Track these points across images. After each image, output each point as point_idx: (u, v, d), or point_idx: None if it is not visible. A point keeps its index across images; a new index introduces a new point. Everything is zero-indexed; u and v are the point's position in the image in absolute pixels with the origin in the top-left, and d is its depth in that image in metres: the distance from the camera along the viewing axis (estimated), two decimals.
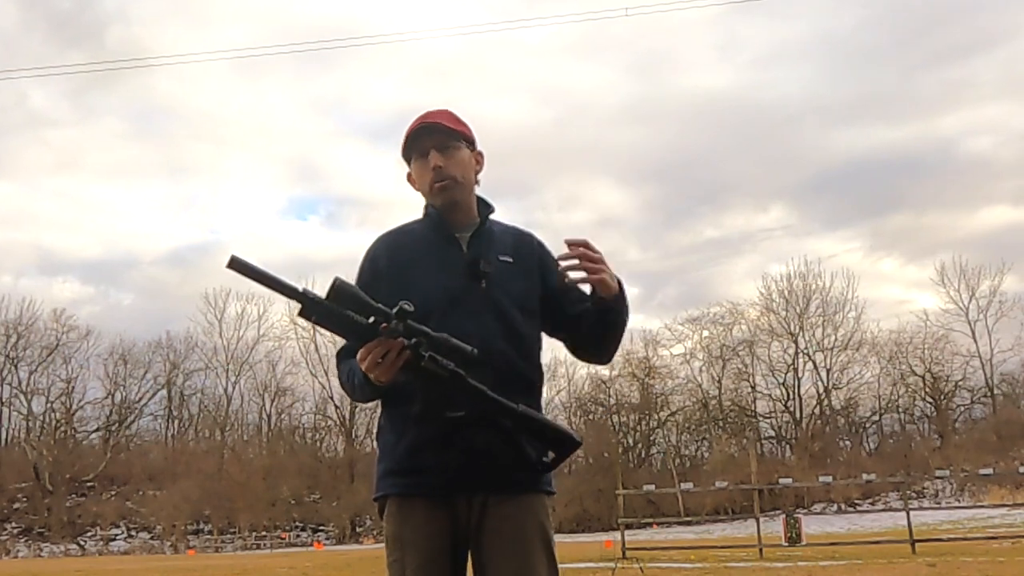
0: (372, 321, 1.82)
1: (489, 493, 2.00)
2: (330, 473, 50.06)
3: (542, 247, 2.24)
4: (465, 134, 2.16)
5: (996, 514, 26.41)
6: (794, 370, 49.47)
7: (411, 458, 2.01)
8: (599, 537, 24.97)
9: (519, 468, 2.02)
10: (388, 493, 2.05)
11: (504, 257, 2.13)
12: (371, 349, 1.82)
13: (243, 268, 1.75)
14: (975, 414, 49.36)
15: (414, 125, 2.14)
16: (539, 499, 2.06)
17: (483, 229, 2.16)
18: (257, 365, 52.87)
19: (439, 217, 2.14)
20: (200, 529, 47.42)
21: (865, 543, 18.39)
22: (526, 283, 2.14)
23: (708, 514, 34.47)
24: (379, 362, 1.82)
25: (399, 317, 1.81)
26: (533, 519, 2.03)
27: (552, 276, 2.17)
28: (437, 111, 2.17)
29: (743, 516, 31.01)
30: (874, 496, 40.79)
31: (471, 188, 2.17)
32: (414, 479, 2.00)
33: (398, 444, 2.04)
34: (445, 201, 2.12)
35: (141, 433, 54.24)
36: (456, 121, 2.16)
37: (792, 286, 50.07)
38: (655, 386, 50.67)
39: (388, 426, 2.09)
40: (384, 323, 1.81)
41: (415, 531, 2.00)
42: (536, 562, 2.00)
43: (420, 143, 2.13)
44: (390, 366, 1.82)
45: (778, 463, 44.09)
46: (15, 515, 47.17)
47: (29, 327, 50.73)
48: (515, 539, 2.00)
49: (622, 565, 13.80)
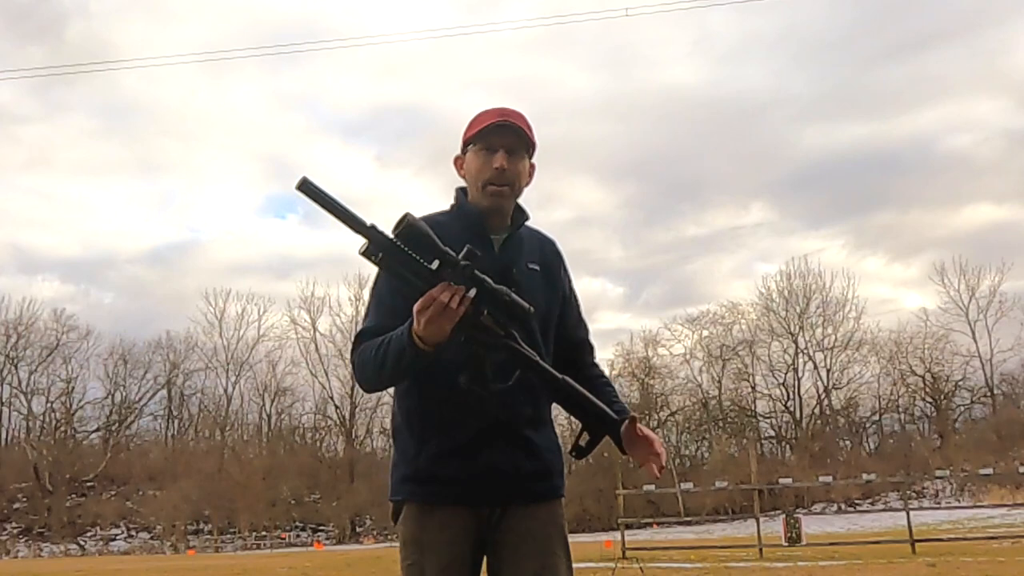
0: (438, 266, 1.71)
1: (510, 503, 2.00)
2: (330, 473, 50.03)
3: (562, 257, 2.23)
4: (534, 145, 2.11)
5: (996, 514, 26.40)
6: (794, 370, 49.51)
7: (433, 468, 1.97)
8: (599, 537, 24.92)
9: (541, 479, 2.03)
10: (408, 499, 2.02)
11: (532, 265, 2.11)
12: (436, 295, 1.69)
13: (313, 192, 1.65)
14: (975, 414, 49.38)
15: (493, 116, 2.06)
16: (557, 504, 2.08)
17: (516, 234, 2.12)
18: (257, 365, 52.94)
19: (479, 217, 2.08)
20: (200, 529, 47.39)
21: (865, 543, 18.37)
22: (550, 293, 2.13)
23: (708, 514, 34.41)
24: (442, 311, 1.69)
25: (468, 258, 1.71)
26: (554, 522, 2.05)
27: (565, 290, 2.20)
28: (515, 111, 2.10)
29: (743, 516, 31.02)
30: (874, 496, 40.76)
31: (518, 198, 2.14)
32: (436, 489, 1.97)
33: (420, 451, 1.99)
34: (493, 205, 2.07)
35: (141, 433, 54.28)
36: (529, 128, 2.10)
37: (792, 286, 50.14)
38: (655, 386, 50.71)
39: (406, 428, 2.03)
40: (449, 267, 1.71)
41: (435, 535, 1.97)
42: (557, 563, 2.02)
43: (492, 137, 2.05)
44: (451, 315, 1.70)
45: (778, 463, 44.08)
46: (15, 515, 47.14)
47: (29, 327, 50.76)
48: (536, 541, 2.01)
49: (622, 565, 13.79)
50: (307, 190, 1.64)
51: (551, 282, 2.14)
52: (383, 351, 1.86)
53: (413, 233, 1.67)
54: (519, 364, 1.84)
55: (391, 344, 1.83)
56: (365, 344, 1.94)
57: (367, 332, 1.96)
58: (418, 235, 1.68)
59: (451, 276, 1.70)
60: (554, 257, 2.19)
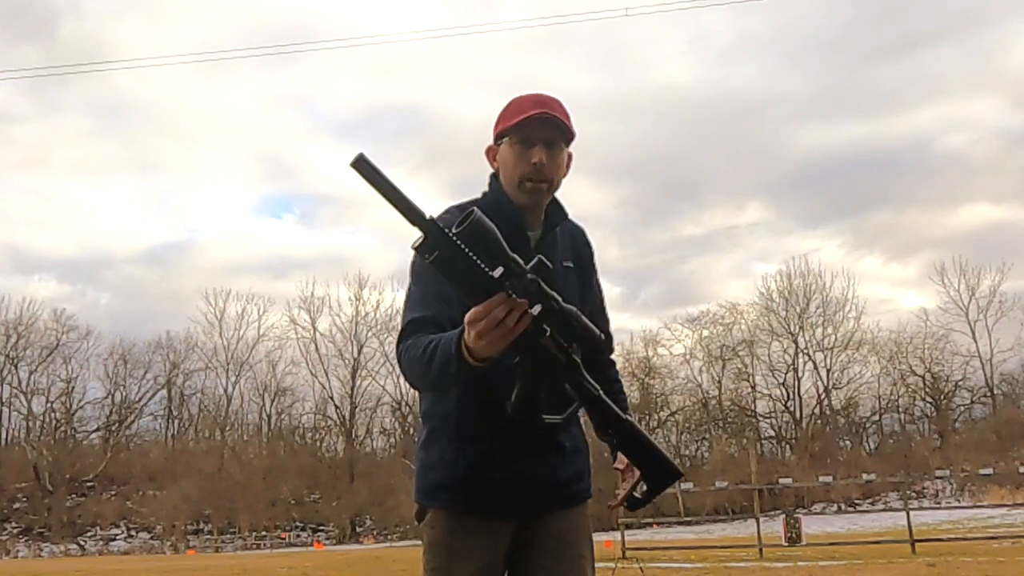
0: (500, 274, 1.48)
1: (545, 511, 1.96)
2: (330, 473, 50.02)
3: (592, 248, 2.15)
4: (574, 135, 1.96)
5: (996, 514, 26.39)
6: (794, 370, 49.50)
7: (472, 476, 1.89)
8: (599, 537, 24.90)
9: (575, 483, 2.00)
10: (441, 506, 1.94)
11: (567, 262, 2.03)
12: (492, 308, 1.47)
13: (369, 172, 1.42)
14: (975, 414, 49.37)
15: (530, 106, 1.90)
16: (585, 505, 2.07)
17: (552, 232, 2.01)
18: (257, 365, 52.90)
19: (517, 214, 1.94)
20: (200, 529, 47.38)
21: (865, 543, 18.37)
22: (584, 292, 2.07)
23: (708, 514, 34.43)
24: (497, 326, 1.48)
25: (536, 272, 1.49)
26: (582, 523, 2.04)
27: (596, 283, 2.15)
28: (552, 97, 1.93)
29: (743, 516, 31.02)
30: (874, 496, 40.76)
31: (556, 191, 1.99)
32: (471, 498, 1.90)
33: (457, 459, 1.90)
34: (530, 202, 1.94)
35: (141, 433, 54.24)
36: (568, 118, 1.94)
37: (792, 286, 50.13)
38: (655, 386, 50.70)
39: (442, 432, 1.94)
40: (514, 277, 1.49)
41: (466, 541, 1.90)
42: (584, 565, 2.01)
43: (529, 130, 1.89)
44: (508, 332, 1.48)
45: (778, 463, 44.08)
46: (15, 515, 47.13)
47: (29, 327, 50.72)
48: (566, 543, 1.99)
49: (622, 565, 13.79)
50: (362, 168, 1.42)
51: (585, 279, 2.08)
52: (429, 354, 1.66)
53: (478, 232, 1.46)
54: (580, 398, 1.65)
55: (439, 349, 1.63)
56: (413, 339, 1.75)
57: (417, 322, 1.77)
58: (484, 235, 1.47)
59: (515, 287, 1.48)
60: (586, 249, 2.11)
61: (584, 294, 2.04)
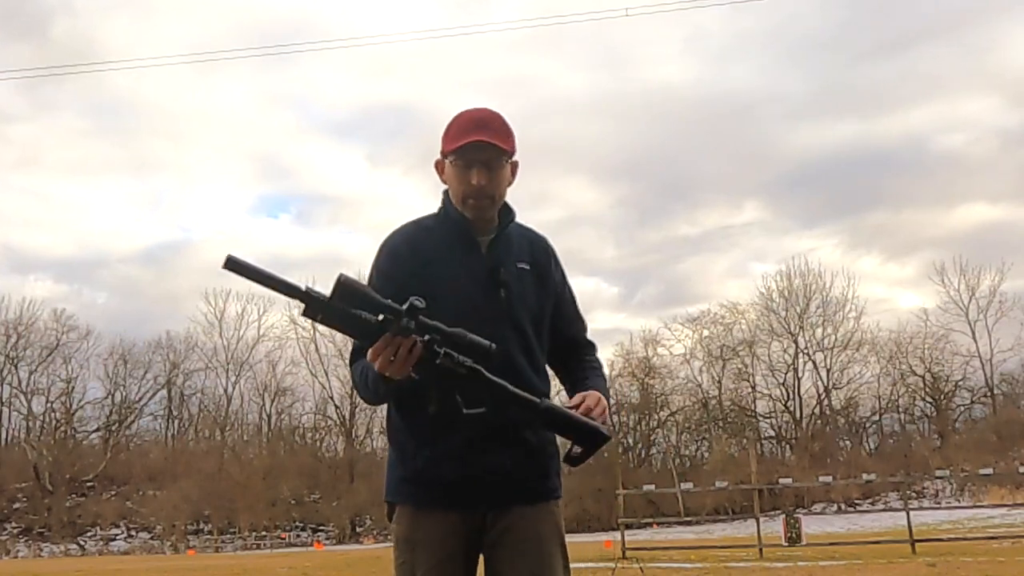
0: (382, 320, 1.72)
1: (508, 504, 2.00)
2: (330, 473, 50.04)
3: (552, 255, 2.21)
4: (513, 151, 2.07)
5: (996, 514, 26.40)
6: (794, 370, 49.52)
7: (431, 470, 1.97)
8: (599, 537, 24.94)
9: (538, 480, 2.04)
10: (404, 501, 2.03)
11: (521, 264, 2.10)
12: (380, 349, 1.73)
13: (241, 268, 1.67)
14: (975, 414, 49.40)
15: (468, 128, 2.02)
16: (554, 504, 2.09)
17: (503, 235, 2.11)
18: (257, 365, 52.94)
19: (464, 223, 2.07)
20: (200, 529, 47.40)
21: (865, 543, 18.38)
22: (541, 292, 2.12)
23: (708, 514, 34.46)
24: (391, 361, 1.73)
25: (409, 314, 1.72)
26: (550, 522, 2.06)
27: (558, 287, 2.18)
28: (491, 116, 2.06)
29: (743, 516, 31.02)
30: (874, 496, 40.78)
31: (500, 204, 2.10)
32: (433, 491, 1.98)
33: (418, 453, 1.99)
34: (475, 216, 2.06)
35: (141, 433, 54.27)
36: (507, 135, 2.06)
37: (792, 286, 50.14)
38: (655, 386, 50.72)
39: (406, 430, 2.03)
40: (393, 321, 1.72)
41: (427, 533, 1.98)
42: (554, 563, 2.03)
43: (468, 154, 2.01)
44: (402, 364, 1.73)
45: (778, 463, 44.10)
46: (15, 515, 47.14)
47: (29, 327, 50.75)
48: (533, 542, 2.01)
49: (622, 565, 13.79)
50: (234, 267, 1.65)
51: (542, 281, 2.13)
52: (367, 376, 1.88)
53: (347, 292, 1.69)
54: (493, 395, 1.83)
55: (371, 374, 1.84)
56: (354, 365, 1.98)
57: (357, 352, 1.98)
58: (354, 293, 1.70)
59: (395, 328, 1.71)
60: (544, 255, 2.18)
61: (542, 294, 2.12)
